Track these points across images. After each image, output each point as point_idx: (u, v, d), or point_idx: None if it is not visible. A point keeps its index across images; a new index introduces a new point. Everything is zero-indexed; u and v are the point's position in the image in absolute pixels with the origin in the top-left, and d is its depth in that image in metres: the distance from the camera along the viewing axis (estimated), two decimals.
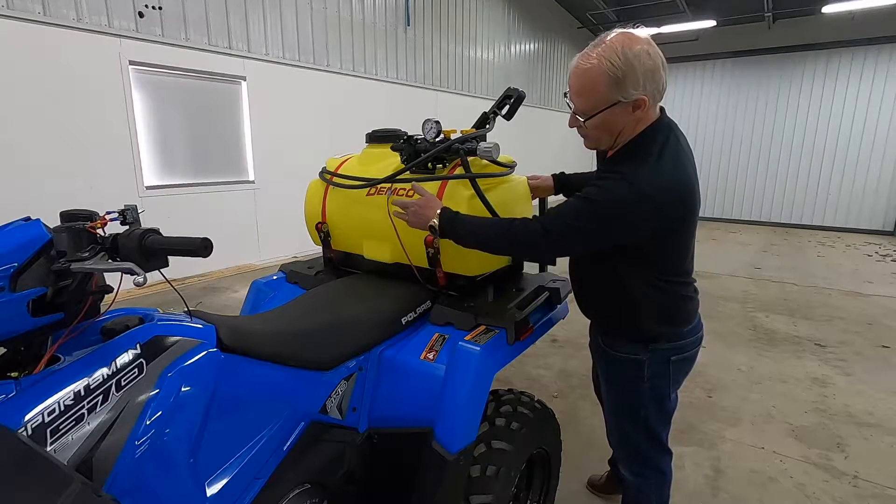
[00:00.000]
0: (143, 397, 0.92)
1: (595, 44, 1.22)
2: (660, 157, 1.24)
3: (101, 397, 0.88)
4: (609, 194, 1.22)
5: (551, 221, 1.29)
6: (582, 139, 1.37)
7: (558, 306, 1.85)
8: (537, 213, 1.89)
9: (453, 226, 1.37)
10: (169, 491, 0.95)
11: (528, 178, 1.84)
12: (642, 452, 1.58)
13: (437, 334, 1.50)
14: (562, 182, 1.86)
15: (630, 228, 1.24)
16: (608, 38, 1.20)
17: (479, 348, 1.36)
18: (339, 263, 1.93)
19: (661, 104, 1.32)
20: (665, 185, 1.22)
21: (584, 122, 1.27)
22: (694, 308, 1.46)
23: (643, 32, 1.22)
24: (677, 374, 1.48)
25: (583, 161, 15.86)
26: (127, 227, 0.98)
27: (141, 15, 4.76)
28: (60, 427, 0.82)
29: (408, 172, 1.57)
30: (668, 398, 1.50)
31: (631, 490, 1.68)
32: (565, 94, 1.32)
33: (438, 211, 1.39)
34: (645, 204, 1.20)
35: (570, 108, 1.31)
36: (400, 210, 1.47)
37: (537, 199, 1.94)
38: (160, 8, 4.90)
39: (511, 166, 1.65)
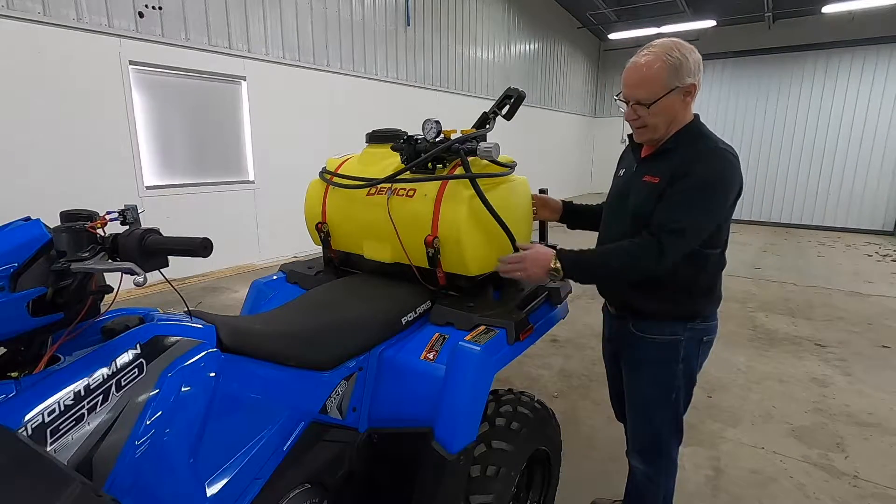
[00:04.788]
0: (143, 397, 0.92)
1: (645, 47, 1.40)
2: (713, 133, 1.44)
3: (101, 397, 0.88)
4: (712, 170, 1.35)
5: (666, 225, 1.34)
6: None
7: (558, 306, 1.84)
8: (537, 232, 1.91)
9: (576, 263, 1.43)
10: (169, 491, 0.95)
11: (534, 196, 1.84)
12: (663, 439, 1.62)
13: (437, 334, 1.50)
14: (570, 210, 1.88)
15: (732, 195, 1.38)
16: (656, 42, 1.40)
17: (479, 348, 1.36)
18: (339, 263, 1.93)
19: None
20: (733, 150, 1.41)
21: (648, 108, 1.39)
22: (721, 285, 1.56)
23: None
24: (703, 356, 1.57)
25: (583, 161, 15.87)
26: (127, 227, 0.97)
27: (141, 15, 4.76)
28: (60, 427, 0.82)
29: (408, 172, 1.57)
30: (695, 379, 1.58)
31: (641, 481, 1.70)
32: (617, 94, 1.47)
33: (553, 254, 1.44)
34: (735, 167, 1.38)
35: (626, 105, 1.44)
36: (509, 266, 1.48)
37: (538, 222, 1.93)
38: (160, 8, 4.90)
39: (511, 166, 1.65)
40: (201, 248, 0.93)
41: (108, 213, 0.98)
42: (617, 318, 1.66)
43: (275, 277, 1.98)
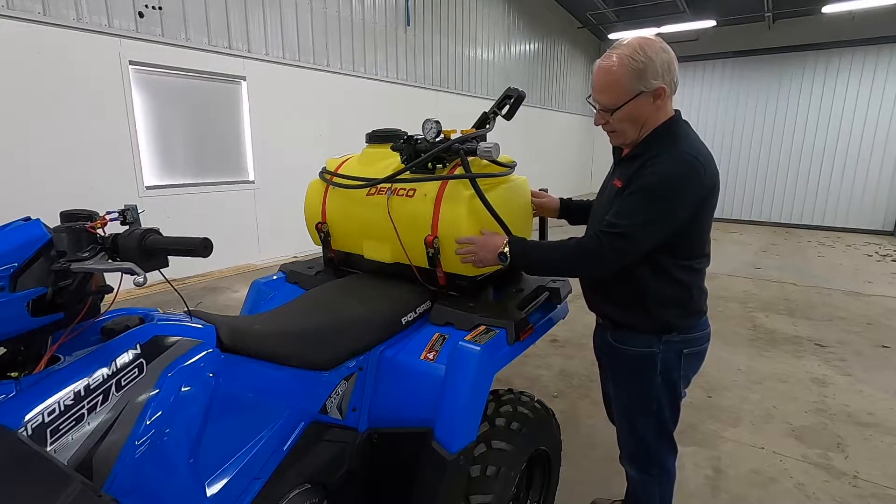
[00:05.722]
0: (143, 397, 0.92)
1: (613, 47, 1.33)
2: (687, 136, 1.37)
3: (101, 397, 0.88)
4: (663, 175, 1.29)
5: (608, 228, 1.31)
6: (601, 136, 1.44)
7: (558, 306, 1.84)
8: (537, 233, 1.90)
9: (524, 252, 1.43)
10: (169, 491, 0.95)
11: (533, 194, 1.83)
12: (651, 449, 1.59)
13: (437, 334, 1.50)
14: (566, 207, 1.87)
15: (687, 203, 1.30)
16: (625, 41, 1.32)
17: (479, 348, 1.36)
18: (339, 263, 1.93)
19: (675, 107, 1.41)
20: (704, 152, 1.34)
21: (612, 114, 1.35)
22: (704, 299, 1.50)
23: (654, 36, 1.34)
24: (688, 369, 1.51)
25: (583, 161, 15.87)
26: (127, 227, 0.98)
27: (141, 15, 4.76)
28: (60, 427, 0.82)
29: (408, 172, 1.57)
30: (679, 392, 1.52)
31: (636, 488, 1.69)
32: (588, 97, 1.42)
33: (506, 241, 1.44)
34: (695, 172, 1.29)
35: (595, 109, 1.40)
36: (463, 246, 1.47)
37: (537, 218, 1.93)
38: (160, 8, 4.90)
39: (511, 166, 1.65)
40: (201, 247, 0.93)
41: (108, 213, 0.98)
42: (600, 325, 1.66)
43: (275, 277, 1.98)
